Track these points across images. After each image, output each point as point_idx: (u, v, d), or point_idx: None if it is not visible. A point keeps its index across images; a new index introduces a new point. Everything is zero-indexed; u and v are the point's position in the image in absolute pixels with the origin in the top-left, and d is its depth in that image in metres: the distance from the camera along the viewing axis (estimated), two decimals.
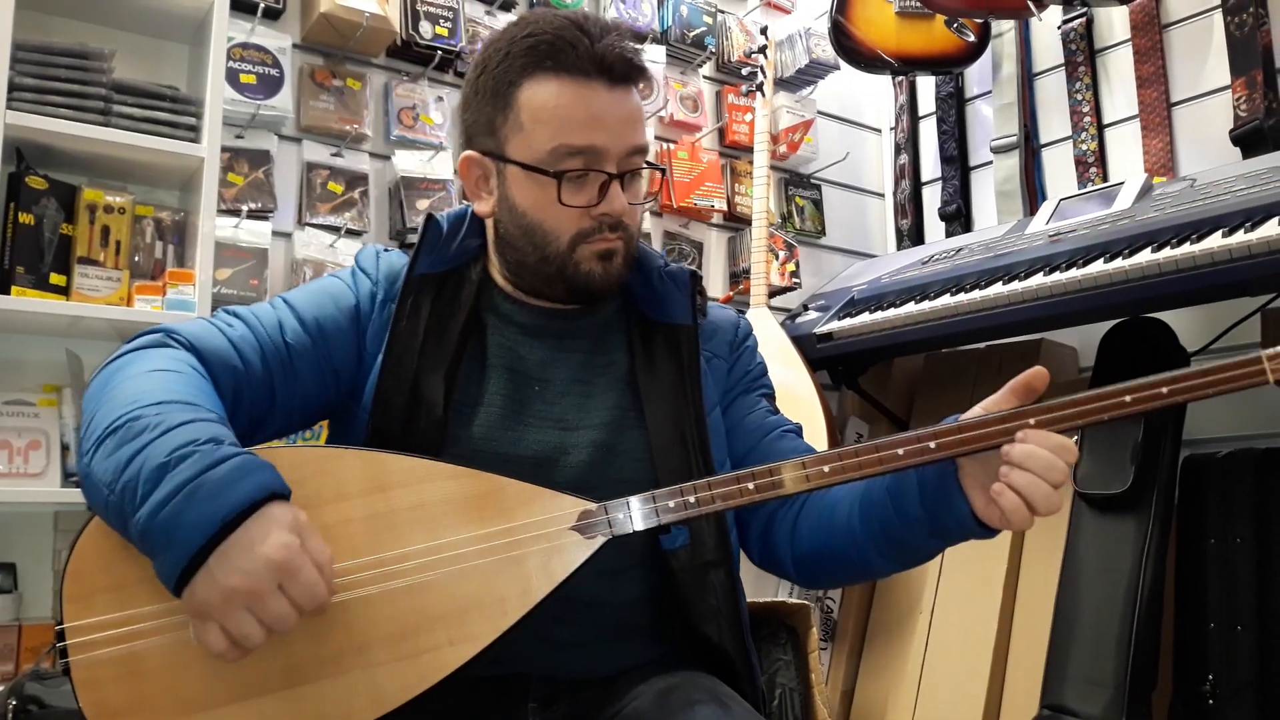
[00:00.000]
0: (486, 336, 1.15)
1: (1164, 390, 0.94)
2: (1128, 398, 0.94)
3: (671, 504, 0.96)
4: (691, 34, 2.84)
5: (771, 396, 1.27)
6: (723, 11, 2.97)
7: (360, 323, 1.13)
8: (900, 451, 0.96)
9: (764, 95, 2.75)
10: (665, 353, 1.16)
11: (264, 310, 1.12)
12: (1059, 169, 2.73)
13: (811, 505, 1.16)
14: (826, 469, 0.97)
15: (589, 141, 1.07)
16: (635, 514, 0.96)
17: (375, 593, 0.91)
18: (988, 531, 0.99)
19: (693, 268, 1.23)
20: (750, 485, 0.97)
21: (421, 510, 0.93)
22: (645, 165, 1.13)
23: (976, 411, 0.98)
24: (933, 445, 0.96)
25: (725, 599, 1.11)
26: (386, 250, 1.20)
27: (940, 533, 1.02)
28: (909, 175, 3.11)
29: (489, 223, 1.17)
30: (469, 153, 1.14)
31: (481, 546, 0.93)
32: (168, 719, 0.87)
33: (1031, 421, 0.94)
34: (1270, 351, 0.93)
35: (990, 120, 2.86)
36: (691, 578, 1.09)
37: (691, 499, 0.96)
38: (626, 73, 1.09)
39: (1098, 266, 1.96)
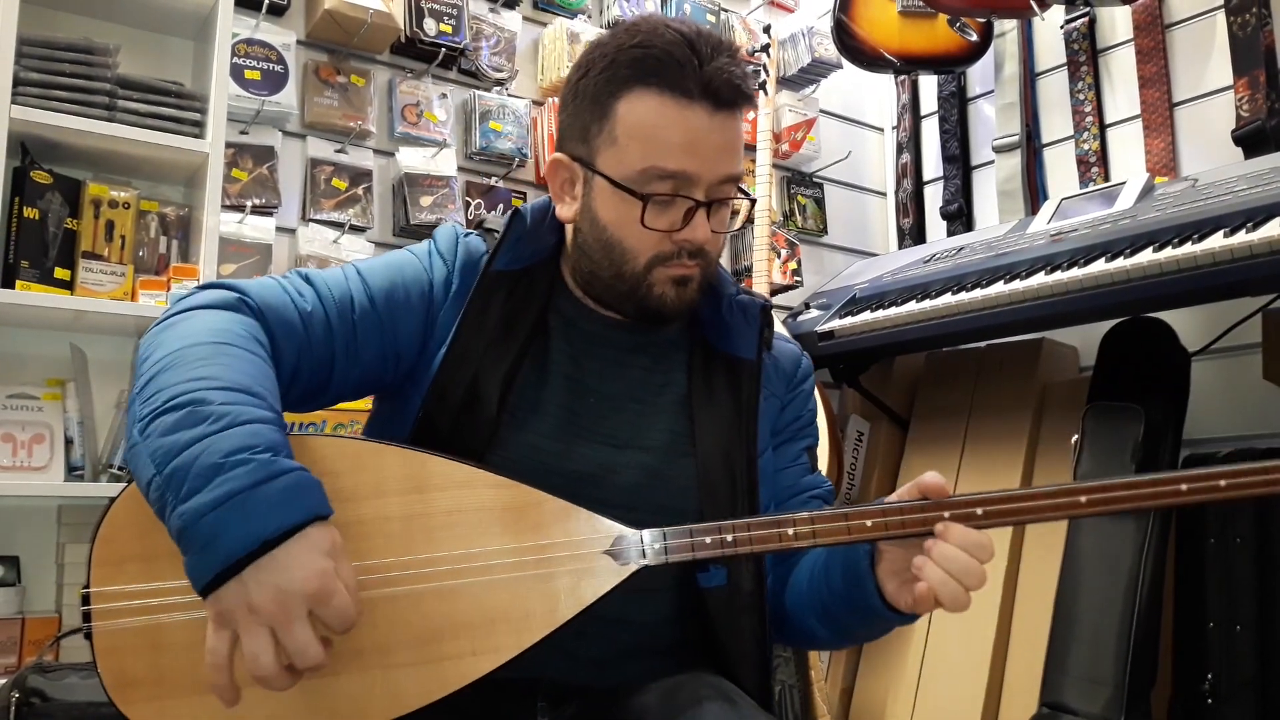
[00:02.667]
0: (550, 341, 1.12)
1: (1221, 484, 0.90)
2: (1184, 486, 0.91)
3: (708, 540, 0.93)
4: None
5: (814, 448, 1.24)
6: (726, 10, 2.97)
7: (431, 308, 1.10)
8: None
9: (766, 94, 2.75)
10: (724, 384, 1.13)
11: (336, 280, 1.08)
12: (1061, 168, 2.73)
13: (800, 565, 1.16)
14: (869, 523, 0.94)
15: (681, 167, 1.03)
16: (670, 546, 0.93)
17: (402, 594, 0.89)
18: (900, 616, 0.99)
19: (765, 299, 1.19)
20: (790, 531, 0.93)
21: (458, 516, 0.92)
22: (736, 194, 1.09)
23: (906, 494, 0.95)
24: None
25: (756, 645, 1.09)
26: (467, 235, 1.15)
27: (860, 610, 1.01)
28: (911, 174, 3.11)
29: (568, 227, 1.14)
30: (558, 155, 1.11)
31: (514, 560, 0.92)
32: (184, 697, 0.86)
33: (946, 514, 0.92)
34: None
35: (992, 119, 2.87)
36: (726, 620, 1.07)
37: (729, 538, 0.93)
38: (733, 99, 1.04)
39: (1099, 266, 1.96)
